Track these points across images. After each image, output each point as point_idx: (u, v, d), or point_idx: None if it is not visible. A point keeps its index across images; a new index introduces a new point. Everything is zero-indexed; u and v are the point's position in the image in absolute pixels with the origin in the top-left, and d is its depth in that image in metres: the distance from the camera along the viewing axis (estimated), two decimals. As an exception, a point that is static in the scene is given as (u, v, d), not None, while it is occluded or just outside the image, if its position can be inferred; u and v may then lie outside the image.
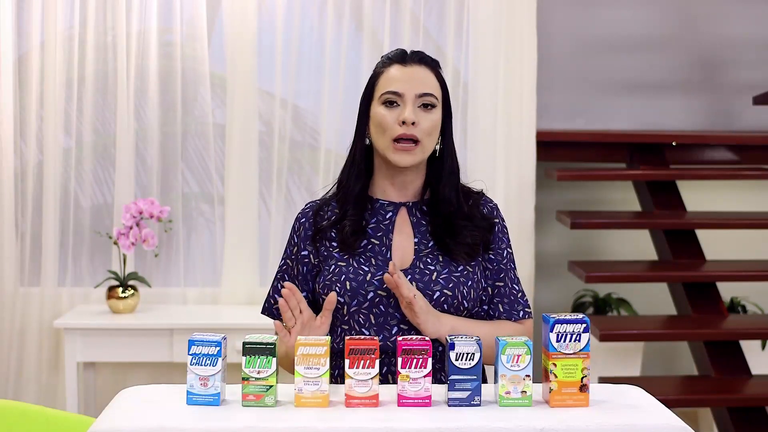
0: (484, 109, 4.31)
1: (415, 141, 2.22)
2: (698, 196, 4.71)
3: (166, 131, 4.30)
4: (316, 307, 2.28)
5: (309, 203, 2.37)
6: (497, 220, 2.32)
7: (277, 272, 2.35)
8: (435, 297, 2.21)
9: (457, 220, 2.27)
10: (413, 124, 2.21)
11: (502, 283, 2.31)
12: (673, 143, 4.59)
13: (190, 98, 4.30)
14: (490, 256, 2.30)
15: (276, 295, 2.31)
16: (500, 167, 4.31)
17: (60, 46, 4.19)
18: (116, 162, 4.24)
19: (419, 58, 2.28)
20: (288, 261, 2.33)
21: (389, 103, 2.24)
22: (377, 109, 2.25)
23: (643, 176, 4.48)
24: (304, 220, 2.33)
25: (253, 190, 4.29)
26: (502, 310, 2.30)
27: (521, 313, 2.31)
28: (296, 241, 2.32)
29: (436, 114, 2.25)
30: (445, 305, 2.21)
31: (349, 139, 2.36)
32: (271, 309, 2.35)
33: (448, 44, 4.33)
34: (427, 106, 2.24)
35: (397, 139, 2.22)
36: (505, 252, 2.32)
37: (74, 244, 4.25)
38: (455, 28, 4.34)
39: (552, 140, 4.50)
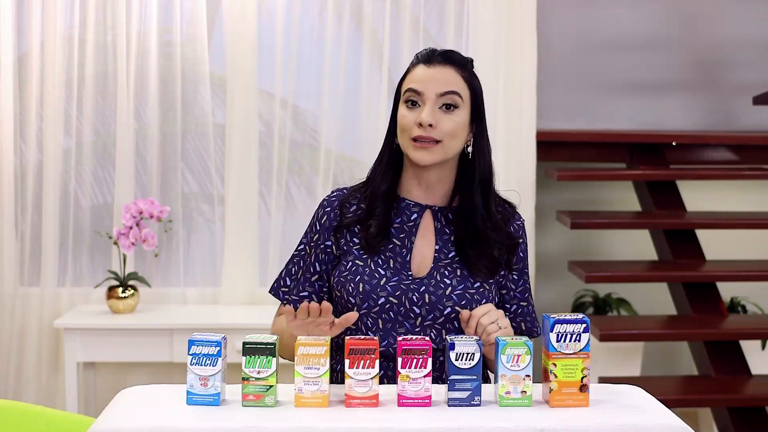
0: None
1: (435, 140, 2.19)
2: (698, 196, 4.71)
3: (166, 131, 4.30)
4: (331, 297, 2.27)
5: (335, 191, 2.34)
6: (521, 240, 2.30)
7: (294, 255, 2.32)
8: (446, 313, 2.19)
9: (485, 229, 2.23)
10: (431, 125, 2.17)
11: (525, 303, 2.32)
12: (673, 143, 4.59)
13: (190, 98, 4.30)
14: (514, 276, 2.29)
15: (287, 278, 2.30)
16: (500, 167, 4.30)
17: (60, 46, 4.18)
18: (116, 162, 4.24)
19: (445, 58, 2.23)
20: (306, 247, 2.30)
21: (411, 103, 2.21)
22: (400, 109, 2.23)
23: (643, 176, 4.48)
24: (329, 209, 2.29)
25: (253, 190, 4.29)
26: (524, 328, 2.31)
27: (538, 330, 2.33)
28: (318, 228, 2.29)
29: (459, 115, 2.20)
30: (455, 322, 2.19)
31: (349, 140, 2.35)
32: (278, 290, 2.31)
33: (448, 44, 4.32)
34: (449, 107, 2.20)
35: (416, 138, 2.19)
36: (527, 271, 2.32)
37: (74, 244, 4.25)
38: (455, 28, 4.34)
39: (552, 140, 4.49)
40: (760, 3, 4.78)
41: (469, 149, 2.25)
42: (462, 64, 2.24)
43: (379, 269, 2.22)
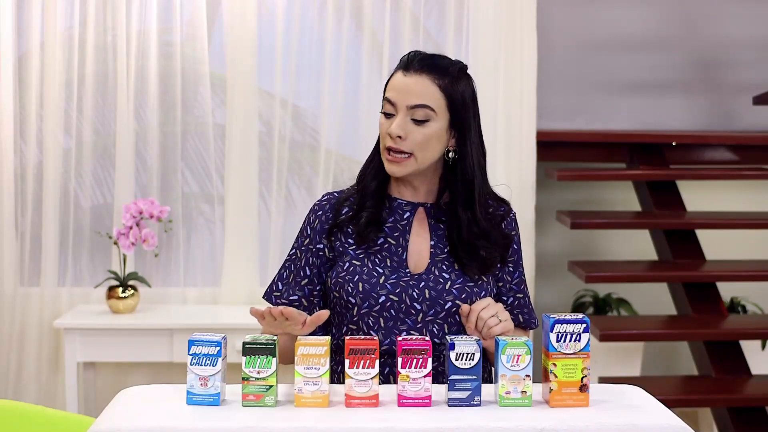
0: (484, 109, 4.22)
1: (407, 153, 2.18)
2: (698, 196, 4.71)
3: (166, 131, 4.30)
4: (326, 301, 2.27)
5: (326, 195, 2.32)
6: (514, 233, 2.31)
7: (286, 260, 2.31)
8: (447, 307, 2.19)
9: (472, 237, 2.22)
10: (399, 137, 2.16)
11: (521, 295, 2.32)
12: (673, 143, 4.59)
13: (190, 98, 4.30)
14: (510, 268, 2.29)
15: (279, 283, 2.29)
16: (500, 167, 4.31)
17: (60, 46, 4.19)
18: (116, 162, 4.24)
19: (422, 66, 2.19)
20: (298, 251, 2.29)
21: (387, 111, 2.20)
22: (380, 116, 2.23)
23: (643, 176, 4.48)
24: (321, 213, 2.28)
25: (253, 190, 4.29)
26: (522, 320, 2.32)
27: (536, 321, 2.34)
28: (309, 232, 2.28)
29: (431, 127, 2.17)
30: (456, 316, 2.19)
31: (349, 140, 2.35)
32: (271, 295, 2.30)
33: (448, 44, 4.33)
34: (419, 121, 2.17)
35: (389, 149, 2.19)
36: (521, 263, 2.32)
37: (74, 244, 4.25)
38: (455, 28, 4.34)
39: (552, 140, 4.50)
40: (760, 3, 4.78)
41: (451, 154, 2.23)
42: (442, 72, 2.20)
43: (377, 268, 2.21)
